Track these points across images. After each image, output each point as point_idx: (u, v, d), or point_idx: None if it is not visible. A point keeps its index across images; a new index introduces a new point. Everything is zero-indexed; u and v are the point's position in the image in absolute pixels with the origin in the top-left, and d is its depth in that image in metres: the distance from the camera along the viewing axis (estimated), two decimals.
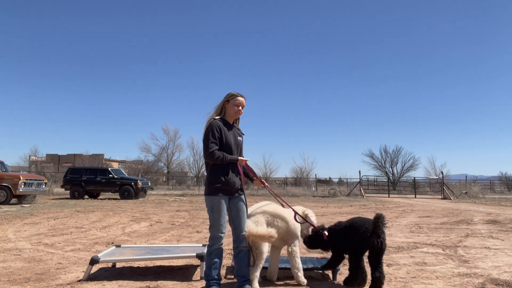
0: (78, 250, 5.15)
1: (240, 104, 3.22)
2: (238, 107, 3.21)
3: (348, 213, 11.18)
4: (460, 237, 6.42)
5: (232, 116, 3.25)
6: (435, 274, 3.87)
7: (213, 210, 3.07)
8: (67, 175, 18.57)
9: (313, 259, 4.08)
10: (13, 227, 7.37)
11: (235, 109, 3.20)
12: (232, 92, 3.23)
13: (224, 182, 3.06)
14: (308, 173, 42.81)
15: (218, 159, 3.03)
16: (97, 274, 3.85)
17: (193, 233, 6.81)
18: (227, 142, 3.12)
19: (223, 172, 3.08)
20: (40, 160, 53.05)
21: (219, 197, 3.06)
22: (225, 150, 3.10)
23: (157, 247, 4.49)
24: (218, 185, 3.06)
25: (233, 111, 3.21)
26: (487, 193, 30.24)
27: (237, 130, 3.29)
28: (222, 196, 3.07)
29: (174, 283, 3.53)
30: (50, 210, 11.34)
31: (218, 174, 3.08)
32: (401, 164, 44.06)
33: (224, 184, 3.06)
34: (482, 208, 14.08)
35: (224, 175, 3.07)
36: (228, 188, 3.08)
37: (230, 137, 3.16)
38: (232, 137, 3.18)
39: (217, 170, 3.09)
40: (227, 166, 3.10)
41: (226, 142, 3.11)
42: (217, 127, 3.10)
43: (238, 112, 3.23)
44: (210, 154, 3.02)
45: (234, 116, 3.25)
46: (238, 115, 3.25)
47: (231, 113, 3.22)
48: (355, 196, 23.27)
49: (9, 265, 4.21)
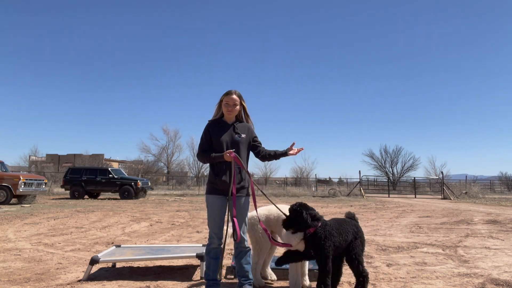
0: (78, 250, 5.15)
1: (229, 102, 3.15)
2: (228, 106, 3.16)
3: None
4: (460, 237, 6.42)
5: (227, 116, 3.22)
6: (435, 274, 3.87)
7: (207, 208, 3.14)
8: (67, 175, 18.58)
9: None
10: (13, 227, 7.37)
11: (226, 108, 3.18)
12: (226, 91, 3.20)
13: (216, 181, 3.09)
14: (308, 173, 42.92)
15: (204, 159, 3.16)
16: (97, 274, 3.85)
17: (193, 233, 6.81)
18: (219, 141, 3.12)
19: (216, 171, 3.11)
20: (40, 160, 53.06)
21: (213, 196, 3.10)
22: (218, 149, 3.12)
23: (157, 247, 4.49)
24: (212, 184, 3.12)
25: (225, 111, 3.19)
26: (487, 193, 30.25)
27: (235, 128, 3.21)
28: (217, 195, 3.08)
29: (174, 283, 3.53)
30: (50, 210, 11.34)
31: (212, 173, 3.14)
32: (401, 164, 44.12)
33: (216, 183, 3.09)
34: (482, 208, 14.08)
35: (217, 174, 3.09)
36: (221, 187, 3.07)
37: (223, 136, 3.14)
38: (227, 136, 3.15)
39: (212, 170, 3.15)
40: (220, 165, 3.09)
41: (218, 141, 3.13)
42: (206, 131, 3.21)
43: (230, 111, 3.17)
44: (197, 157, 3.29)
45: (228, 115, 3.21)
46: (231, 114, 3.19)
47: (225, 113, 3.21)
48: (355, 196, 23.27)
49: (9, 265, 4.21)
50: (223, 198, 3.09)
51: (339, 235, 2.89)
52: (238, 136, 3.20)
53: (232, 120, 3.24)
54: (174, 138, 47.68)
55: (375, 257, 4.77)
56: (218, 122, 3.21)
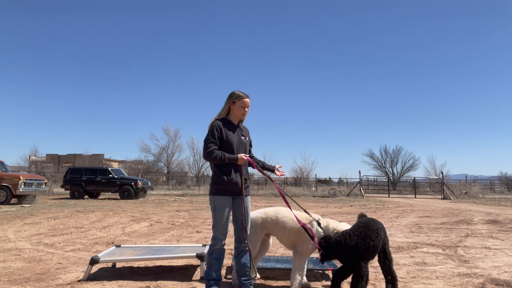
0: (78, 250, 5.15)
1: (246, 105, 3.20)
2: (244, 108, 3.19)
3: (348, 213, 11.17)
4: (460, 237, 6.42)
5: (238, 117, 3.23)
6: (435, 274, 3.87)
7: (215, 210, 3.06)
8: (67, 175, 18.57)
9: (312, 259, 4.08)
10: (13, 227, 7.37)
11: (241, 110, 3.18)
12: (237, 92, 3.19)
13: (227, 182, 3.04)
14: (308, 173, 42.81)
15: (216, 158, 3.00)
16: (97, 274, 3.85)
17: (193, 233, 6.81)
18: (229, 141, 3.10)
19: (226, 172, 3.06)
20: (40, 160, 53.06)
21: (222, 197, 3.05)
22: (227, 149, 3.08)
23: (157, 247, 4.49)
24: (221, 185, 3.05)
25: (239, 113, 3.19)
26: (487, 193, 30.26)
27: (241, 130, 3.26)
28: (225, 197, 3.06)
29: (174, 283, 3.53)
30: (50, 210, 11.34)
31: (221, 174, 3.06)
32: (401, 164, 44.02)
33: (227, 184, 3.04)
34: (482, 208, 14.08)
35: (227, 175, 3.05)
36: (231, 188, 3.06)
37: (232, 136, 3.13)
38: (236, 137, 3.16)
39: (220, 170, 3.07)
40: (229, 166, 3.07)
41: (227, 141, 3.09)
42: (217, 127, 3.09)
43: (244, 114, 3.22)
44: (208, 153, 3.01)
45: (240, 117, 3.23)
46: (244, 116, 3.24)
47: (237, 115, 3.20)
48: (355, 196, 23.27)
49: (9, 265, 4.21)
50: (231, 199, 3.09)
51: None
52: (244, 138, 3.25)
53: (237, 121, 3.26)
54: (175, 138, 47.68)
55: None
56: (227, 121, 3.20)
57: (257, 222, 3.40)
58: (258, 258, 3.62)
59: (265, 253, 3.71)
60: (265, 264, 3.91)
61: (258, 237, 3.39)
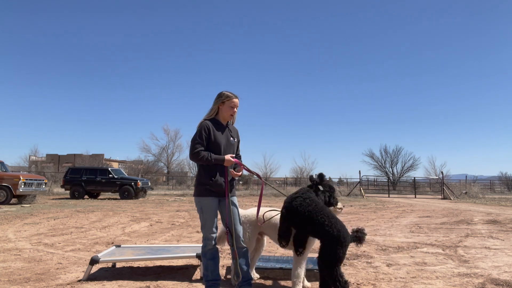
0: (78, 250, 5.15)
1: (235, 106, 3.19)
2: (233, 109, 3.18)
3: (348, 213, 11.17)
4: (460, 237, 6.42)
5: (226, 118, 3.21)
6: (435, 274, 3.87)
7: (203, 211, 3.05)
8: (67, 175, 18.56)
9: (312, 259, 4.08)
10: (13, 227, 7.37)
11: (230, 111, 3.17)
12: (226, 93, 3.17)
13: (212, 183, 3.03)
14: (308, 173, 42.77)
15: (203, 159, 2.99)
16: (97, 274, 3.85)
17: (193, 233, 6.81)
18: (216, 142, 3.08)
19: (211, 173, 3.04)
20: (40, 160, 53.09)
21: (208, 198, 3.04)
22: (214, 150, 3.06)
23: (157, 247, 4.49)
24: (207, 186, 3.04)
25: (228, 113, 3.18)
26: (487, 193, 30.26)
27: (230, 131, 3.23)
28: (211, 197, 3.04)
29: (174, 283, 3.53)
30: (50, 210, 11.34)
31: (206, 175, 3.05)
32: (401, 164, 44.00)
33: (211, 186, 3.03)
34: (482, 208, 14.08)
35: (212, 176, 3.04)
36: (215, 189, 3.04)
37: (220, 137, 3.11)
38: (224, 138, 3.14)
39: (205, 171, 3.06)
40: (215, 167, 3.05)
41: (215, 142, 3.07)
42: (205, 128, 3.07)
43: (233, 114, 3.21)
44: (194, 154, 2.99)
45: (229, 118, 3.22)
46: (232, 117, 3.23)
47: (226, 115, 3.19)
48: (355, 196, 23.27)
49: (9, 265, 4.21)
50: (217, 199, 3.08)
51: None
52: (233, 139, 3.23)
53: (226, 122, 3.24)
54: (175, 138, 47.70)
55: (375, 257, 4.77)
56: (215, 122, 3.18)
57: (250, 220, 3.44)
58: (255, 257, 3.64)
59: (261, 252, 3.72)
60: (265, 264, 3.92)
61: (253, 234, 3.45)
